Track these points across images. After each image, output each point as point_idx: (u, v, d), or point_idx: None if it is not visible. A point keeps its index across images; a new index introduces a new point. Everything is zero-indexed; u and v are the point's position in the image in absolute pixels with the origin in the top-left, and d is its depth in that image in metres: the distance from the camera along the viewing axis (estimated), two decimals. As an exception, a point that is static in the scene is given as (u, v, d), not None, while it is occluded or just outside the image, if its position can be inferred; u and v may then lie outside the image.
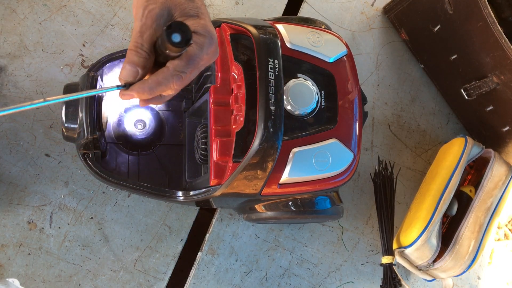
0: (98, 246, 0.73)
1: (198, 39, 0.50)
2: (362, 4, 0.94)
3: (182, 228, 0.77)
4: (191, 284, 0.76)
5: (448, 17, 0.80)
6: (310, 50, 0.67)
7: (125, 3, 0.82)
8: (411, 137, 0.90)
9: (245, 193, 0.64)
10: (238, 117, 0.62)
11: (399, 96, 0.92)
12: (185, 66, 0.50)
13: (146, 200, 0.76)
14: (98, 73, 0.69)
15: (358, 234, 0.84)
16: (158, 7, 0.50)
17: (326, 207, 0.69)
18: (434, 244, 0.76)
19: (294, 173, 0.63)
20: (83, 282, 0.71)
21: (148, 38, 0.49)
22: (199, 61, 0.51)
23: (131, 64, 0.49)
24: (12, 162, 0.72)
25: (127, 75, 0.50)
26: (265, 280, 0.78)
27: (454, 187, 0.78)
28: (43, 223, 0.72)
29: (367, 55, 0.92)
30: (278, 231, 0.80)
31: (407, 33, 0.92)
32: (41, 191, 0.73)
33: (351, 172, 0.66)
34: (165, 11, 0.51)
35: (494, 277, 0.88)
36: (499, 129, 0.84)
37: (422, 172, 0.89)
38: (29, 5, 0.78)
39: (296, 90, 0.64)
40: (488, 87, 0.79)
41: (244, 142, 0.61)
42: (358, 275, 0.82)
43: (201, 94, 0.69)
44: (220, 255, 0.77)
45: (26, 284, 0.70)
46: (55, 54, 0.77)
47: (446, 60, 0.85)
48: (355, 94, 0.68)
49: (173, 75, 0.49)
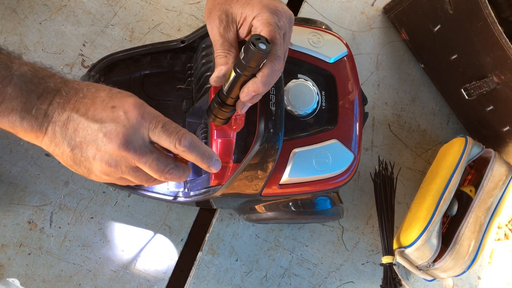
0: (98, 246, 0.73)
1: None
2: (362, 4, 0.94)
3: (182, 228, 0.77)
4: (191, 284, 0.76)
5: (448, 17, 0.80)
6: (311, 50, 0.67)
7: (125, 3, 0.82)
8: (411, 137, 0.91)
9: (245, 193, 0.64)
10: (238, 118, 0.62)
11: (399, 96, 0.92)
12: (279, 49, 0.54)
13: (146, 200, 0.76)
14: (99, 73, 0.69)
15: (358, 234, 0.84)
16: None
17: (327, 208, 0.69)
18: (434, 244, 0.76)
19: (294, 173, 0.63)
20: (83, 282, 0.71)
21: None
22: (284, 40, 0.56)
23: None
24: (12, 162, 0.72)
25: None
26: (265, 280, 0.78)
27: (454, 187, 0.78)
28: (43, 223, 0.72)
29: (367, 55, 0.92)
30: (278, 231, 0.80)
31: (407, 33, 0.92)
32: (41, 191, 0.73)
33: (352, 172, 0.66)
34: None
35: (494, 277, 0.88)
36: (499, 129, 0.84)
37: (422, 172, 0.89)
38: (29, 5, 0.78)
39: (297, 90, 0.64)
40: (488, 87, 0.79)
41: (244, 143, 0.61)
42: (358, 275, 0.82)
43: (201, 94, 0.69)
44: (220, 255, 0.77)
45: (26, 284, 0.70)
46: (55, 54, 0.77)
47: (446, 60, 0.85)
48: (356, 95, 0.68)
49: (276, 58, 0.53)
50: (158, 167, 0.50)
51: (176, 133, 0.50)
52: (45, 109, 0.48)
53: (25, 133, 0.48)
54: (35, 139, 0.49)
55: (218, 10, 0.57)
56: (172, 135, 0.49)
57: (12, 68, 0.47)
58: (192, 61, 0.73)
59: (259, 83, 0.53)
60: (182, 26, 0.84)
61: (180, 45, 0.71)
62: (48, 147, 0.49)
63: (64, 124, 0.48)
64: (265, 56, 0.51)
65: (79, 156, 0.49)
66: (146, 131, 0.49)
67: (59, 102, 0.48)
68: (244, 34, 0.57)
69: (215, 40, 0.57)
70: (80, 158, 0.49)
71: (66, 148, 0.49)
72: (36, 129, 0.48)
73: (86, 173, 0.51)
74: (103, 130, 0.48)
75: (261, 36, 0.51)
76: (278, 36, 0.54)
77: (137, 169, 0.50)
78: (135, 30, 0.82)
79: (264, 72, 0.53)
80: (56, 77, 0.49)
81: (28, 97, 0.47)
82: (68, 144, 0.49)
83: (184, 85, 0.74)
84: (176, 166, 0.51)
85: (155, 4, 0.84)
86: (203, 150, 0.51)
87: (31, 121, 0.47)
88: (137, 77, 0.73)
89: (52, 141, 0.49)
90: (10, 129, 0.48)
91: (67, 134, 0.48)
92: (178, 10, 0.85)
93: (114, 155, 0.48)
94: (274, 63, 0.53)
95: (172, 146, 0.50)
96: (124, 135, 0.47)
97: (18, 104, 0.46)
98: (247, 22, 0.56)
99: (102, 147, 0.48)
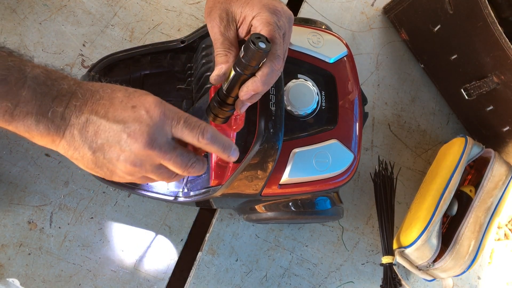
0: (98, 246, 0.73)
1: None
2: (362, 4, 0.94)
3: (182, 228, 0.77)
4: (191, 284, 0.76)
5: (448, 17, 0.80)
6: (311, 50, 0.67)
7: (125, 3, 0.82)
8: (411, 137, 0.91)
9: (245, 193, 0.64)
10: (238, 118, 0.62)
11: (399, 96, 0.92)
12: (278, 48, 0.54)
13: (146, 200, 0.76)
14: (99, 73, 0.69)
15: (358, 234, 0.84)
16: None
17: (326, 208, 0.69)
18: (434, 244, 0.76)
19: (294, 173, 0.63)
20: (83, 282, 0.71)
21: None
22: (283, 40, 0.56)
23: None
24: (12, 162, 0.72)
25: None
26: (265, 280, 0.78)
27: (454, 187, 0.78)
28: (43, 223, 0.72)
29: (367, 55, 0.92)
30: (278, 231, 0.80)
31: (407, 33, 0.92)
32: (41, 191, 0.73)
33: (351, 172, 0.66)
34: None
35: (494, 277, 0.88)
36: (499, 129, 0.84)
37: (422, 172, 0.89)
38: (29, 5, 0.78)
39: (297, 90, 0.64)
40: (488, 87, 0.79)
41: (244, 143, 0.61)
42: (358, 275, 0.82)
43: (201, 94, 0.69)
44: (220, 255, 0.77)
45: (26, 284, 0.70)
46: (55, 54, 0.77)
47: (446, 60, 0.85)
48: (356, 95, 0.68)
49: (275, 57, 0.53)
50: (182, 162, 0.50)
51: (198, 126, 0.50)
52: (62, 111, 0.47)
53: (41, 137, 0.47)
54: (51, 143, 0.48)
55: (218, 8, 0.57)
56: (195, 130, 0.49)
57: (25, 71, 0.46)
58: (192, 61, 0.73)
59: (258, 82, 0.53)
60: (182, 26, 0.84)
61: (180, 45, 0.71)
62: (66, 151, 0.49)
63: (83, 127, 0.47)
64: (264, 55, 0.51)
65: (101, 158, 0.49)
66: (169, 128, 0.49)
67: (75, 104, 0.47)
68: (243, 34, 0.57)
69: (215, 39, 0.57)
70: (102, 160, 0.49)
71: (87, 151, 0.48)
72: (52, 132, 0.47)
73: (108, 175, 0.50)
74: (126, 130, 0.47)
75: (261, 35, 0.51)
76: (278, 36, 0.54)
77: (161, 167, 0.50)
78: (135, 30, 0.82)
79: (263, 71, 0.53)
80: (69, 79, 0.49)
81: (42, 100, 0.46)
82: (90, 147, 0.48)
83: (184, 85, 0.74)
84: (197, 160, 0.51)
85: (155, 4, 0.84)
86: (224, 140, 0.51)
87: (47, 124, 0.47)
88: (137, 77, 0.73)
89: (70, 144, 0.48)
90: (25, 133, 0.47)
91: (87, 137, 0.48)
92: (178, 10, 0.85)
93: (139, 155, 0.48)
94: (274, 62, 0.53)
95: (196, 140, 0.50)
96: (149, 134, 0.47)
97: (33, 107, 0.46)
98: (247, 21, 0.56)
99: (127, 147, 0.47)
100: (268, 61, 0.53)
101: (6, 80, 0.45)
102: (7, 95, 0.45)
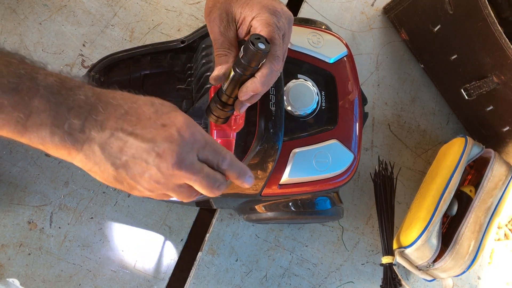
0: (98, 246, 0.73)
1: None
2: (362, 4, 0.94)
3: (182, 228, 0.77)
4: (191, 284, 0.76)
5: (448, 17, 0.80)
6: (311, 50, 0.67)
7: (125, 3, 0.82)
8: (411, 137, 0.91)
9: (245, 193, 0.64)
10: (238, 118, 0.62)
11: (399, 96, 0.92)
12: (278, 49, 0.54)
13: (146, 200, 0.76)
14: (99, 73, 0.69)
15: (358, 234, 0.84)
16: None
17: (326, 208, 0.69)
18: (434, 244, 0.76)
19: (294, 173, 0.63)
20: (83, 282, 0.71)
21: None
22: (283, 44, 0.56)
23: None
24: (12, 162, 0.72)
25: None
26: (265, 280, 0.78)
27: (454, 187, 0.78)
28: (43, 223, 0.72)
29: (367, 55, 0.92)
30: (278, 231, 0.80)
31: (407, 33, 0.92)
32: (41, 191, 0.73)
33: (351, 172, 0.66)
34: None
35: (494, 277, 0.88)
36: (499, 129, 0.84)
37: (422, 172, 0.89)
38: (29, 5, 0.78)
39: (297, 90, 0.64)
40: (488, 87, 0.79)
41: (244, 143, 0.61)
42: (358, 275, 0.82)
43: (201, 94, 0.69)
44: (220, 255, 0.77)
45: (26, 284, 0.70)
46: (55, 54, 0.77)
47: (446, 60, 0.85)
48: (355, 95, 0.68)
49: (275, 58, 0.53)
50: (208, 184, 0.49)
51: (220, 152, 0.50)
52: (80, 124, 0.45)
53: (56, 149, 0.45)
54: (66, 156, 0.47)
55: (218, 9, 0.57)
56: (218, 154, 0.49)
57: (38, 79, 0.44)
58: (192, 61, 0.73)
59: (257, 83, 0.53)
60: (182, 26, 0.84)
61: (180, 45, 0.71)
62: (84, 165, 0.47)
63: (107, 143, 0.46)
64: (264, 56, 0.51)
65: (123, 174, 0.47)
66: (196, 150, 0.48)
67: (96, 119, 0.45)
68: (243, 34, 0.57)
69: (215, 39, 0.57)
70: (124, 176, 0.47)
71: (109, 166, 0.47)
72: (69, 145, 0.45)
73: (127, 189, 0.49)
74: (156, 149, 0.46)
75: (260, 36, 0.51)
76: (277, 37, 0.54)
77: (182, 186, 0.50)
78: (135, 30, 0.82)
79: (263, 72, 0.53)
80: (86, 88, 0.46)
81: (57, 110, 0.44)
82: (113, 163, 0.46)
83: (184, 85, 0.74)
84: (224, 181, 0.51)
85: (155, 4, 0.84)
86: (240, 167, 0.51)
87: (63, 137, 0.44)
88: (137, 77, 0.72)
89: (89, 159, 0.46)
90: (39, 145, 0.45)
91: (111, 153, 0.46)
92: (178, 10, 0.85)
93: (166, 174, 0.47)
94: (273, 63, 0.53)
95: (215, 165, 0.50)
96: (178, 154, 0.46)
97: (47, 117, 0.43)
98: (246, 22, 0.56)
99: (154, 166, 0.46)
100: (268, 61, 0.53)
101: (17, 89, 0.43)
102: (19, 105, 0.43)
